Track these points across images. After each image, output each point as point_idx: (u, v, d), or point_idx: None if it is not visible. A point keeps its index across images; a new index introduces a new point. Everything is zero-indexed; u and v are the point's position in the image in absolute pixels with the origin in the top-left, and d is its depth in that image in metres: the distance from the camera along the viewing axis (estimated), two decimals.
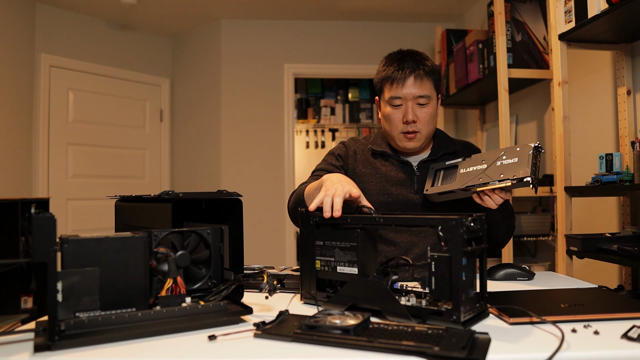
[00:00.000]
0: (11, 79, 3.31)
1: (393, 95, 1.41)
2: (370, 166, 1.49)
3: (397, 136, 1.44)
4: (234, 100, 3.99)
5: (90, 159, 3.86)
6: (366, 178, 1.47)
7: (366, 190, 1.45)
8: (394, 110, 1.42)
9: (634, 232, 1.86)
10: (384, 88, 1.44)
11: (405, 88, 1.39)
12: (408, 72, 1.39)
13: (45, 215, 0.73)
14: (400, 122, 1.41)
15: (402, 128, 1.42)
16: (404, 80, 1.39)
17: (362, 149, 1.53)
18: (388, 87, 1.42)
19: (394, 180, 1.46)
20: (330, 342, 0.74)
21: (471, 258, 0.84)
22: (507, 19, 2.48)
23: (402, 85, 1.39)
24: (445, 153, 1.48)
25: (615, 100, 2.15)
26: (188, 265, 0.89)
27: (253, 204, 3.79)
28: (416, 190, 1.44)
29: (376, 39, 3.99)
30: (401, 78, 1.39)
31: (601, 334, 0.77)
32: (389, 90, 1.42)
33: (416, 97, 1.40)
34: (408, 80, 1.39)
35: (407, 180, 1.46)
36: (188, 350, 0.73)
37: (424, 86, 1.40)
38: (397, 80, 1.40)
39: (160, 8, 3.71)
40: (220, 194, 0.95)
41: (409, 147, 1.44)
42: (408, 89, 1.39)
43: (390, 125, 1.44)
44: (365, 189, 1.45)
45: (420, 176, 1.45)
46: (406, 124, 1.41)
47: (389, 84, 1.42)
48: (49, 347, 0.72)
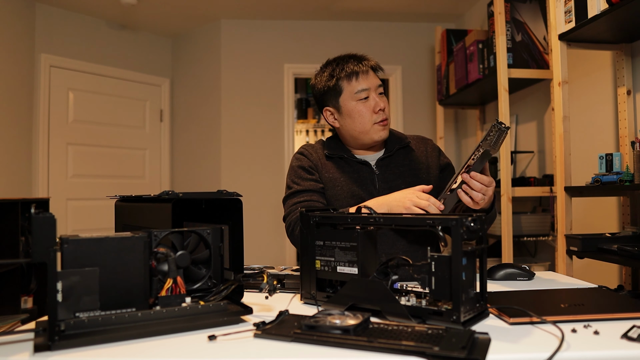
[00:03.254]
0: (11, 79, 3.30)
1: (360, 88, 1.45)
2: (333, 170, 1.51)
3: (371, 128, 1.46)
4: (234, 100, 3.99)
5: (90, 159, 3.86)
6: (332, 183, 1.48)
7: (335, 195, 1.47)
8: (362, 103, 1.46)
9: (634, 232, 1.86)
10: (344, 88, 1.47)
11: (370, 78, 1.46)
12: (367, 64, 1.47)
13: (45, 215, 0.73)
14: (371, 113, 1.45)
15: (374, 118, 1.46)
16: (367, 72, 1.46)
17: (319, 155, 1.55)
18: (353, 82, 1.46)
19: (357, 181, 1.48)
20: (330, 342, 0.73)
21: (471, 258, 0.84)
22: (507, 19, 2.48)
23: (367, 76, 1.46)
24: (400, 147, 1.52)
25: (615, 100, 2.15)
26: (188, 265, 0.89)
27: (253, 204, 3.79)
28: (378, 190, 1.46)
29: (376, 39, 3.98)
30: (364, 70, 1.46)
31: (601, 334, 0.77)
32: (356, 84, 1.46)
33: (377, 86, 1.47)
34: (370, 71, 1.47)
35: (369, 179, 1.48)
36: (188, 350, 0.73)
37: (377, 76, 1.49)
38: (362, 73, 1.46)
39: (160, 8, 3.71)
40: (220, 194, 0.95)
41: (384, 137, 1.48)
42: (372, 79, 1.47)
43: (362, 120, 1.46)
44: (334, 194, 1.47)
45: (380, 174, 1.48)
46: (378, 113, 1.45)
47: (353, 79, 1.46)
48: (49, 347, 0.72)
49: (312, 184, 1.48)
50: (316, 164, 1.52)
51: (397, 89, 3.96)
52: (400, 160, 1.51)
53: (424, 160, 1.52)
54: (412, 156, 1.52)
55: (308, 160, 1.53)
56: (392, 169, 1.49)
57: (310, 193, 1.47)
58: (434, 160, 1.53)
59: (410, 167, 1.50)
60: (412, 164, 1.50)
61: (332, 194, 1.47)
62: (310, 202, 1.45)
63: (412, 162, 1.51)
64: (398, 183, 1.47)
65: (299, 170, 1.52)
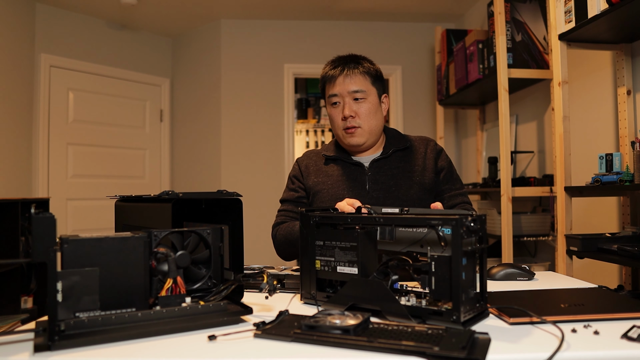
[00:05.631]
0: (11, 79, 3.30)
1: (330, 94, 1.49)
2: (322, 174, 1.54)
3: (341, 134, 1.50)
4: (234, 100, 3.99)
5: (90, 159, 3.86)
6: (318, 187, 1.52)
7: (320, 199, 1.50)
8: (333, 109, 1.50)
9: (634, 232, 1.86)
10: (325, 90, 1.52)
11: (338, 85, 1.47)
12: (340, 70, 1.48)
13: (45, 215, 0.73)
14: (340, 119, 1.48)
15: (342, 124, 1.48)
16: (335, 78, 1.48)
17: (316, 160, 1.59)
18: (327, 86, 1.50)
19: (346, 183, 1.49)
20: (330, 342, 0.73)
21: (471, 258, 0.84)
22: (507, 19, 2.49)
23: (334, 83, 1.48)
24: (397, 150, 1.53)
25: (615, 100, 2.15)
26: (188, 265, 0.89)
27: (253, 204, 3.79)
28: (368, 191, 1.47)
29: (376, 39, 3.98)
30: (334, 75, 1.48)
31: (601, 334, 0.77)
32: (329, 88, 1.49)
33: (351, 92, 1.46)
34: (340, 78, 1.47)
35: (359, 181, 1.49)
36: (188, 350, 0.73)
37: (358, 82, 1.47)
38: (332, 79, 1.48)
39: (160, 8, 3.71)
40: (220, 194, 0.95)
41: (352, 143, 1.49)
42: (341, 86, 1.47)
43: (333, 124, 1.52)
44: (318, 199, 1.51)
45: (371, 175, 1.49)
46: (344, 120, 1.47)
47: (328, 84, 1.50)
48: (49, 347, 0.72)
49: (291, 194, 1.58)
50: (304, 171, 1.58)
51: (397, 89, 3.96)
52: (396, 162, 1.51)
53: (421, 163, 1.52)
54: (410, 158, 1.53)
55: (297, 169, 1.61)
56: (385, 170, 1.50)
57: (287, 203, 1.58)
58: (431, 162, 1.53)
59: (405, 168, 1.50)
60: (407, 165, 1.51)
61: (316, 198, 1.52)
62: (286, 211, 1.57)
63: (407, 164, 1.51)
64: (390, 185, 1.47)
65: (288, 179, 1.64)
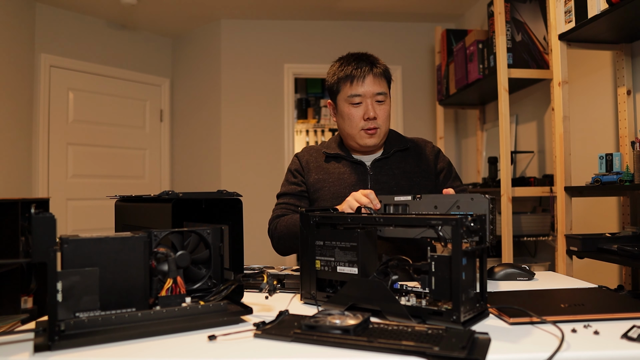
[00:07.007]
0: (11, 79, 3.30)
1: (353, 93, 1.46)
2: (323, 172, 1.53)
3: (358, 134, 1.48)
4: (234, 100, 3.99)
5: (90, 159, 3.86)
6: (319, 184, 1.52)
7: (320, 196, 1.50)
8: (353, 108, 1.47)
9: (634, 232, 1.86)
10: (341, 88, 1.49)
11: (365, 85, 1.45)
12: (367, 70, 1.45)
13: (45, 215, 0.73)
14: (360, 119, 1.46)
15: (362, 125, 1.47)
16: (363, 78, 1.45)
17: (316, 156, 1.58)
18: (348, 86, 1.47)
19: (347, 181, 1.49)
20: (330, 342, 0.73)
21: (471, 258, 0.84)
22: (507, 19, 2.48)
23: (362, 83, 1.45)
24: (398, 150, 1.53)
25: (615, 100, 2.15)
26: (188, 265, 0.89)
27: (253, 204, 3.78)
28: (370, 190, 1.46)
29: (376, 39, 3.98)
30: (360, 76, 1.45)
31: (601, 334, 0.77)
32: (349, 88, 1.47)
33: (375, 94, 1.46)
34: (367, 78, 1.45)
35: (360, 179, 1.49)
36: (188, 350, 0.73)
37: (382, 84, 1.47)
38: (357, 79, 1.46)
39: (160, 8, 3.71)
40: (220, 194, 0.95)
41: (370, 144, 1.48)
42: (367, 87, 1.45)
43: (351, 124, 1.48)
44: (319, 196, 1.50)
45: (373, 175, 1.49)
46: (367, 121, 1.46)
47: (348, 83, 1.47)
48: (49, 347, 0.72)
49: (292, 188, 1.56)
50: (305, 166, 1.57)
51: (397, 89, 3.96)
52: (396, 163, 1.52)
53: (420, 165, 1.53)
54: (409, 159, 1.53)
55: (298, 163, 1.59)
56: (386, 170, 1.50)
57: (289, 196, 1.55)
58: (430, 165, 1.54)
59: (405, 170, 1.51)
60: (407, 167, 1.51)
61: (317, 196, 1.51)
62: (287, 204, 1.53)
63: (407, 165, 1.52)
64: (391, 185, 1.48)
65: (288, 173, 1.61)
